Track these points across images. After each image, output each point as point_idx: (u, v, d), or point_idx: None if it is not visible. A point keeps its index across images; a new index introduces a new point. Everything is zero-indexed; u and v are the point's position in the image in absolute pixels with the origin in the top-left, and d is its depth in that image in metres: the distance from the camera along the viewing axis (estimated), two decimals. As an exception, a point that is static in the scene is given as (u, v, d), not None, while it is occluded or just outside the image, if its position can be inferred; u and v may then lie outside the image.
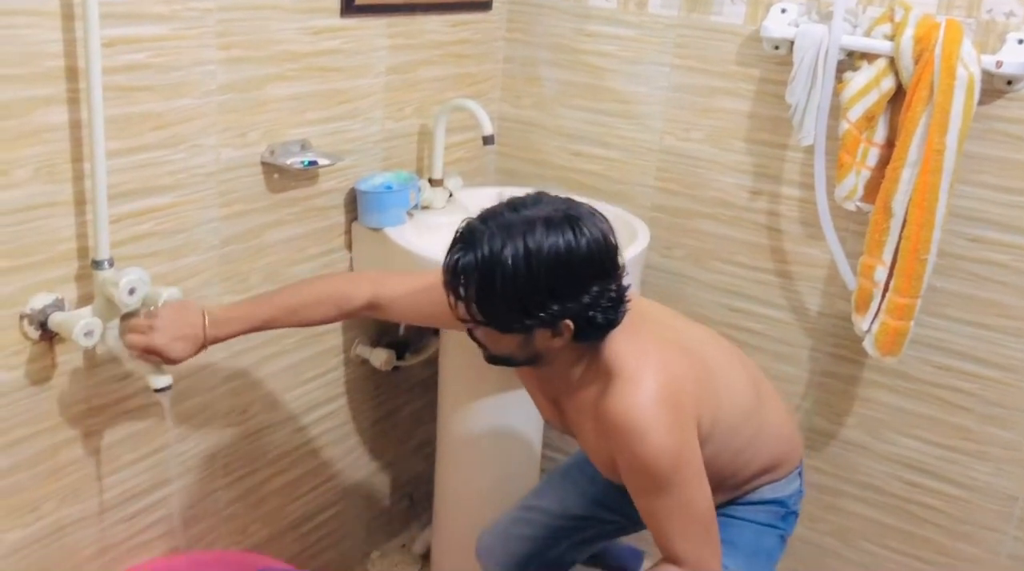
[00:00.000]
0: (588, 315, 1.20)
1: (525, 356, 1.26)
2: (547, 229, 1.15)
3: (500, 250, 1.14)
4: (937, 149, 1.57)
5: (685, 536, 1.29)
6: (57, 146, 1.31)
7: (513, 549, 1.66)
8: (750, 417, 1.43)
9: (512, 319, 1.19)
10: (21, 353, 1.35)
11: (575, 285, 1.18)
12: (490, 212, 1.21)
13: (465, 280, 1.18)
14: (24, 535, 1.43)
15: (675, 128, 1.96)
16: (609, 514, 1.63)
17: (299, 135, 1.67)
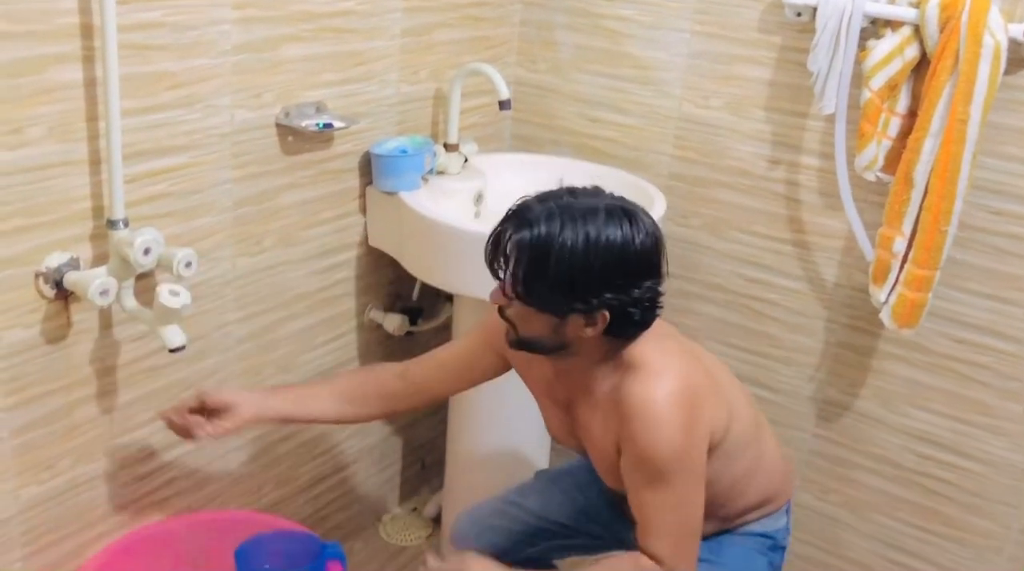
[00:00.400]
0: (627, 310, 1.22)
1: (552, 342, 1.27)
2: (608, 219, 1.18)
3: (559, 230, 1.17)
4: (961, 119, 1.54)
5: (668, 534, 1.29)
6: (72, 104, 1.30)
7: (488, 539, 1.62)
8: (749, 446, 1.44)
9: (555, 300, 1.21)
10: (37, 312, 1.36)
11: (624, 278, 1.20)
12: (548, 194, 1.23)
13: (517, 255, 1.20)
14: (39, 492, 1.45)
15: (694, 95, 1.94)
16: (592, 527, 1.61)
17: (314, 97, 1.66)
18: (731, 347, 2.04)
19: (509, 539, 1.62)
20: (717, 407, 1.34)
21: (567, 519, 1.62)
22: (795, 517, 2.04)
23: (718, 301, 2.03)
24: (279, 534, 1.59)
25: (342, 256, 1.86)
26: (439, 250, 1.72)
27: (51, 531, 1.49)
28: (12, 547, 1.44)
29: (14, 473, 1.40)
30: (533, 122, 2.17)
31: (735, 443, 1.39)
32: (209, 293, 1.61)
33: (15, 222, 1.29)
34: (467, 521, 1.68)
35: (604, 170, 2.02)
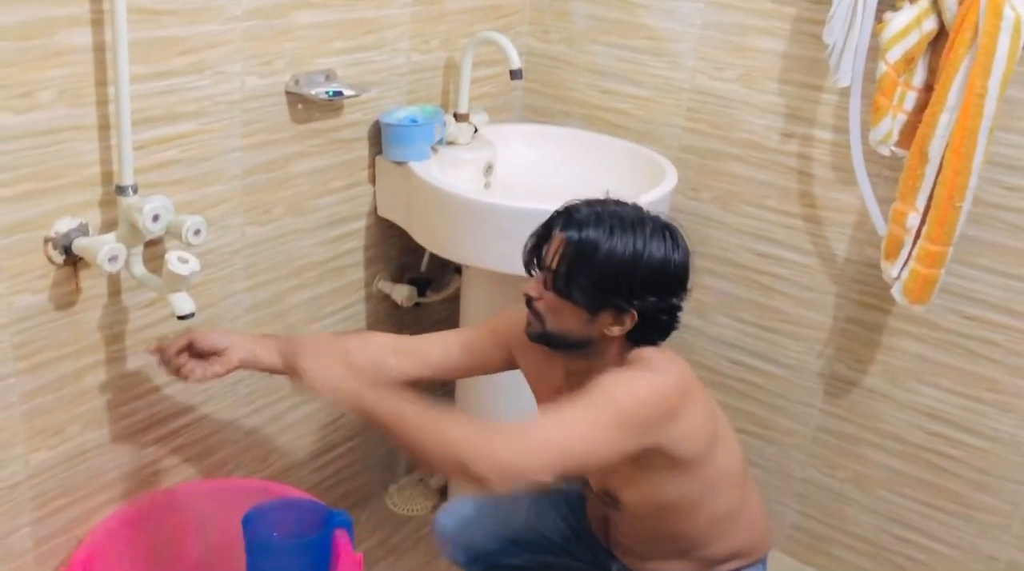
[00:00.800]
0: (656, 317, 1.31)
1: (578, 337, 1.32)
2: (653, 231, 1.28)
3: (609, 235, 1.26)
4: (978, 93, 1.52)
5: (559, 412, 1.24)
6: (81, 68, 1.29)
7: (472, 538, 1.60)
8: (736, 488, 1.44)
9: (593, 296, 1.27)
10: (46, 277, 1.36)
11: (660, 287, 1.29)
12: (596, 200, 1.33)
13: (564, 250, 1.28)
14: (49, 457, 1.46)
15: (707, 67, 1.92)
16: (579, 551, 1.59)
17: (324, 65, 1.65)
18: (740, 321, 2.03)
19: (494, 543, 1.60)
20: (698, 415, 1.32)
21: (556, 537, 1.60)
22: (802, 492, 2.05)
23: (728, 275, 2.02)
24: (286, 502, 1.59)
25: (351, 226, 1.86)
26: (448, 221, 1.71)
27: (60, 496, 1.50)
28: (21, 511, 1.45)
29: (24, 438, 1.41)
30: (544, 93, 2.15)
31: (720, 474, 1.39)
32: (218, 261, 1.60)
33: (25, 186, 1.29)
34: (453, 519, 1.63)
35: (615, 142, 2.01)
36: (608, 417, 1.23)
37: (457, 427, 1.22)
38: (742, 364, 2.06)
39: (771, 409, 2.05)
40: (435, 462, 1.23)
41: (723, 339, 2.07)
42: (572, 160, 2.02)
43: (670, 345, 1.52)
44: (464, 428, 1.22)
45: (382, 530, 2.10)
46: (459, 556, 1.62)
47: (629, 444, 1.25)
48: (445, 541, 1.62)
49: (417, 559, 2.02)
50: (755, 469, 2.10)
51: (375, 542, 2.06)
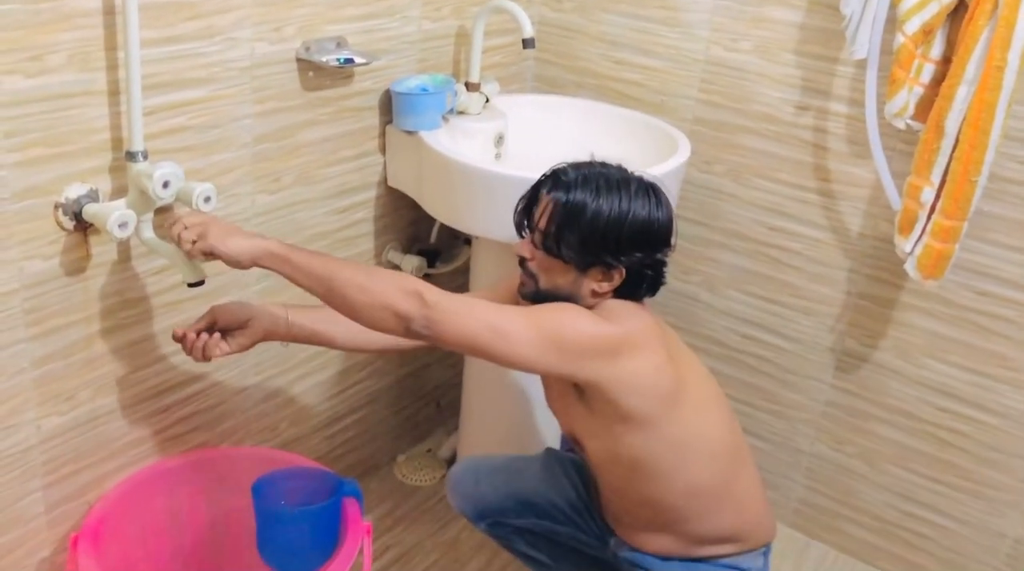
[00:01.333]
0: (641, 272, 1.38)
1: (568, 293, 1.38)
2: (639, 189, 1.36)
3: (595, 195, 1.33)
4: (998, 66, 1.50)
5: (519, 312, 1.32)
6: (91, 32, 1.28)
7: (482, 493, 1.64)
8: (716, 461, 1.44)
9: (582, 254, 1.35)
10: (56, 243, 1.35)
11: (645, 244, 1.36)
12: (582, 163, 1.40)
13: (553, 211, 1.35)
14: (60, 422, 1.46)
15: (722, 38, 1.90)
16: (583, 523, 1.61)
17: (335, 32, 1.63)
18: (751, 296, 2.02)
19: (502, 500, 1.63)
20: (645, 369, 1.34)
21: (564, 504, 1.62)
22: (810, 467, 2.05)
23: (739, 249, 2.01)
24: (296, 470, 1.60)
25: (361, 196, 1.85)
26: (458, 191, 1.70)
27: (71, 462, 1.50)
28: (33, 476, 1.45)
29: (35, 403, 1.41)
30: (556, 63, 2.13)
31: (691, 442, 1.40)
32: (228, 229, 1.60)
33: (35, 151, 1.28)
34: (465, 473, 1.68)
35: (628, 113, 1.99)
36: (538, 322, 1.30)
37: (387, 272, 1.31)
38: (753, 338, 2.05)
39: (781, 384, 2.05)
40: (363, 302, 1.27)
41: (734, 313, 2.06)
42: (583, 131, 2.00)
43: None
44: (395, 274, 1.31)
45: (390, 500, 2.11)
46: (467, 509, 1.65)
47: (550, 360, 1.30)
48: (455, 493, 1.66)
49: (425, 529, 2.03)
50: (764, 443, 2.10)
51: (383, 511, 2.08)
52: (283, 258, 1.30)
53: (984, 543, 1.90)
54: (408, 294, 1.27)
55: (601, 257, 1.34)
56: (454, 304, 1.29)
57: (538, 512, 1.63)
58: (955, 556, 1.94)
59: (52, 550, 1.53)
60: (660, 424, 1.37)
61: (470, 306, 1.31)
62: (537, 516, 1.63)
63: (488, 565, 1.95)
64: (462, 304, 1.30)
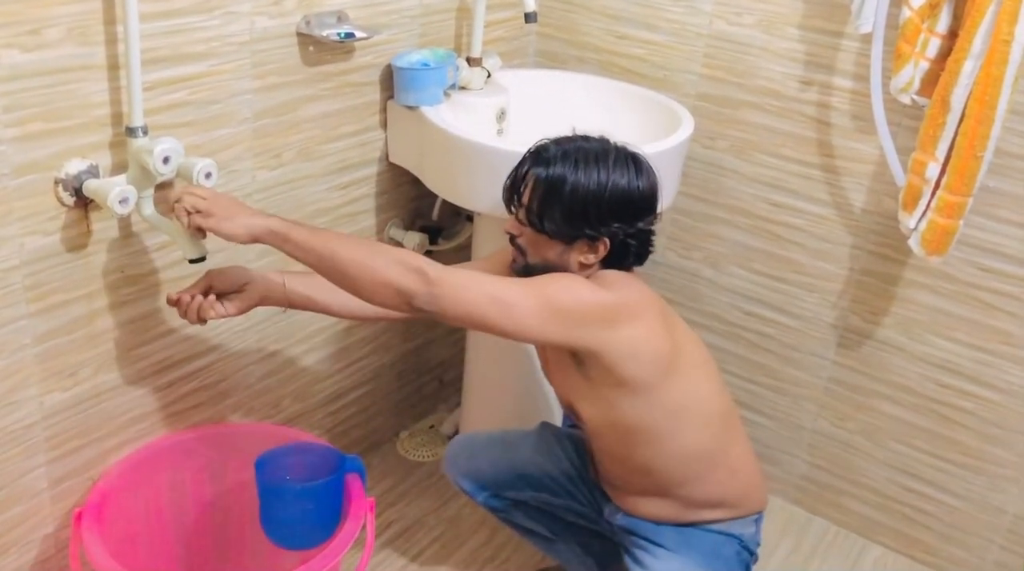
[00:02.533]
0: (626, 242, 1.40)
1: (557, 266, 1.41)
2: (616, 162, 1.38)
3: (574, 169, 1.36)
4: (1004, 40, 1.49)
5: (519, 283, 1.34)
6: (89, 5, 1.27)
7: (477, 466, 1.66)
8: (709, 427, 1.46)
9: (566, 227, 1.37)
10: (56, 219, 1.35)
11: (627, 214, 1.38)
12: (564, 138, 1.42)
13: (534, 187, 1.38)
14: (63, 399, 1.46)
15: (726, 12, 1.88)
16: (579, 494, 1.63)
17: (335, 6, 1.62)
18: (754, 272, 2.02)
19: (498, 473, 1.65)
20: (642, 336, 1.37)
21: (559, 475, 1.64)
22: (812, 443, 2.06)
23: (742, 226, 2.00)
24: (299, 446, 1.60)
25: (362, 172, 1.84)
26: (460, 167, 1.69)
27: (74, 438, 1.51)
28: (36, 452, 1.46)
29: (38, 379, 1.42)
30: (558, 37, 2.12)
31: (684, 408, 1.43)
32: (229, 205, 1.59)
33: (34, 127, 1.27)
34: (462, 447, 1.71)
35: (631, 88, 1.98)
36: (539, 292, 1.32)
37: (388, 249, 1.31)
38: (755, 315, 2.05)
39: (783, 360, 2.05)
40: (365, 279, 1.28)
41: (737, 290, 2.05)
42: (586, 107, 1.99)
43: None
44: (395, 251, 1.31)
45: (393, 476, 2.12)
46: (464, 483, 1.66)
47: (552, 329, 1.32)
48: (452, 468, 1.67)
49: (428, 504, 2.04)
50: (766, 419, 2.11)
51: (386, 487, 2.08)
52: (283, 236, 1.29)
53: (984, 519, 1.91)
54: (410, 270, 1.27)
55: (584, 230, 1.37)
56: (457, 278, 1.30)
57: (534, 484, 1.64)
58: (956, 531, 1.95)
59: (56, 526, 1.53)
60: (656, 390, 1.39)
61: (472, 280, 1.31)
62: (533, 488, 1.64)
63: (490, 540, 1.96)
64: (465, 278, 1.31)
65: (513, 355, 1.93)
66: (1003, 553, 1.90)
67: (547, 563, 1.87)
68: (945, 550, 1.97)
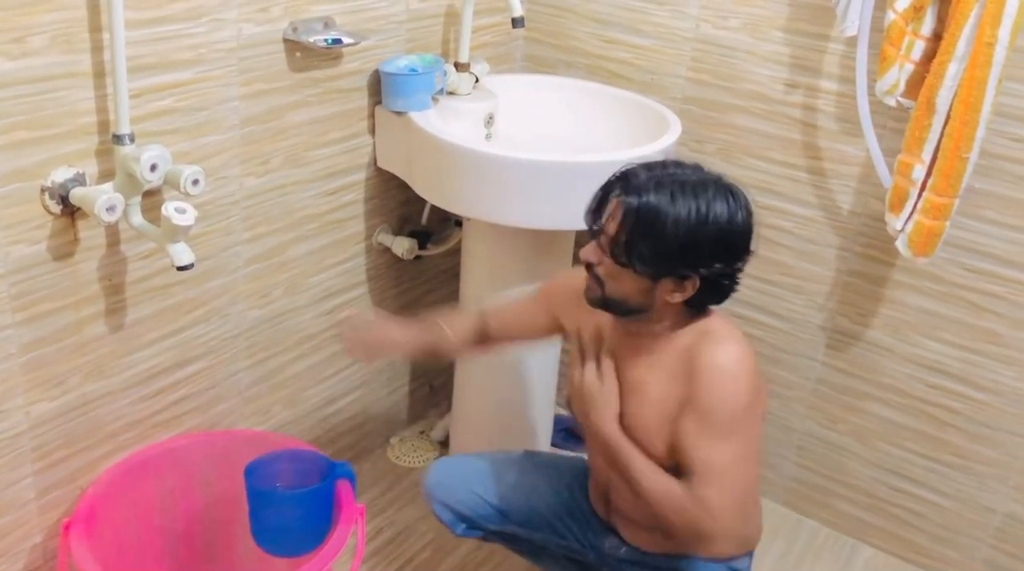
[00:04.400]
0: (718, 282, 1.29)
1: (638, 303, 1.31)
2: (717, 192, 1.25)
3: (671, 200, 1.22)
4: (988, 42, 1.50)
5: (719, 484, 1.28)
6: (74, 13, 1.27)
7: (455, 497, 1.59)
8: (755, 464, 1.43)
9: (655, 265, 1.25)
10: (43, 227, 1.34)
11: (725, 252, 1.26)
12: (656, 163, 1.29)
13: (623, 218, 1.25)
14: (51, 408, 1.46)
15: (712, 15, 1.89)
16: (564, 527, 1.57)
17: (322, 12, 1.62)
18: (742, 275, 2.01)
19: (478, 506, 1.58)
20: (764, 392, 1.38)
21: (543, 509, 1.58)
22: (801, 445, 2.06)
23: (730, 228, 2.00)
24: (289, 453, 1.60)
25: (350, 178, 1.84)
26: (449, 172, 1.69)
27: (62, 447, 1.50)
28: (23, 462, 1.45)
29: (24, 389, 1.41)
30: (546, 42, 2.12)
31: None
32: (217, 213, 1.59)
33: (19, 135, 1.27)
34: (442, 477, 1.62)
35: (618, 93, 1.99)
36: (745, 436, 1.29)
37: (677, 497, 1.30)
38: (744, 317, 2.05)
39: (772, 362, 2.05)
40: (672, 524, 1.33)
41: (725, 292, 2.06)
42: (574, 111, 1.99)
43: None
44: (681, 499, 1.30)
45: (384, 482, 2.12)
46: (443, 514, 1.60)
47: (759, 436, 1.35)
48: (432, 500, 1.60)
49: (418, 510, 2.04)
50: (755, 422, 2.11)
51: (377, 493, 2.08)
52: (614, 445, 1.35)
53: (974, 518, 1.91)
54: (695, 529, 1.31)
55: (675, 268, 1.26)
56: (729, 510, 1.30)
57: (516, 520, 1.58)
58: (945, 531, 1.95)
59: (44, 536, 1.52)
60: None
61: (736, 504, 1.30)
62: (513, 523, 1.58)
63: (480, 547, 1.96)
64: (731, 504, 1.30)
65: (503, 361, 1.93)
66: (993, 552, 1.91)
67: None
68: (935, 550, 1.98)
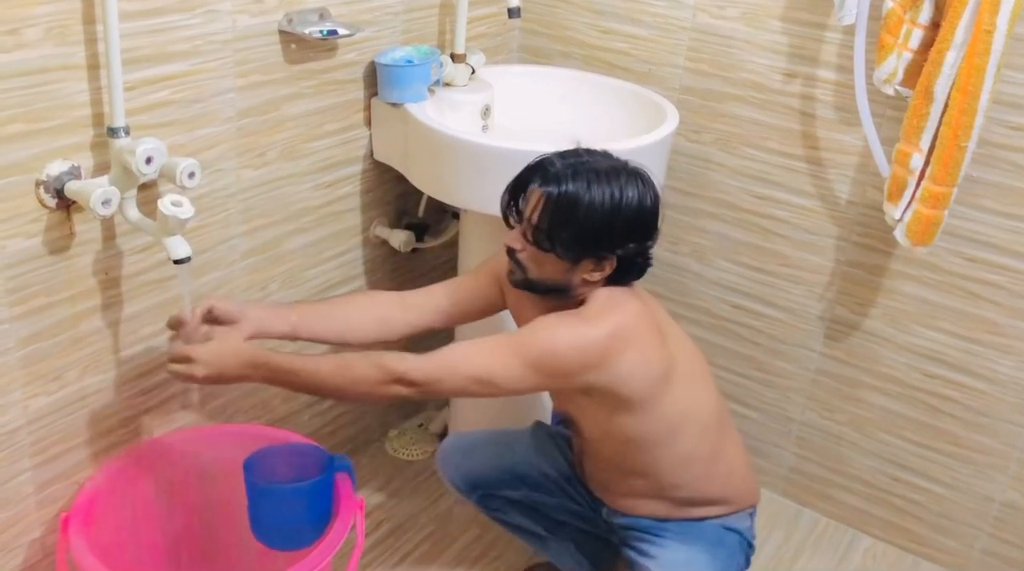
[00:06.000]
0: (633, 260, 1.37)
1: (559, 284, 1.38)
2: (628, 178, 1.33)
3: (587, 188, 1.31)
4: (986, 30, 1.49)
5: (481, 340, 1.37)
6: (68, 5, 1.26)
7: (473, 467, 1.65)
8: (704, 432, 1.47)
9: (574, 248, 1.33)
10: (38, 221, 1.34)
11: (637, 233, 1.35)
12: (569, 152, 1.37)
13: (543, 206, 1.32)
14: (48, 402, 1.45)
15: (709, 4, 1.88)
16: (574, 491, 1.63)
17: (317, 3, 1.61)
18: (740, 265, 2.02)
19: (494, 472, 1.64)
20: (637, 359, 1.36)
21: (555, 475, 1.63)
22: (800, 435, 2.06)
23: (728, 219, 2.00)
24: (287, 447, 1.59)
25: (347, 170, 1.83)
26: (446, 164, 1.69)
27: (60, 442, 1.49)
28: (21, 457, 1.44)
29: (21, 383, 1.40)
30: (542, 33, 2.11)
31: (682, 416, 1.43)
32: (213, 205, 1.58)
33: (14, 128, 1.26)
34: (457, 445, 1.70)
35: (615, 83, 1.98)
36: (521, 354, 1.33)
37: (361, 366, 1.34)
38: (742, 308, 2.05)
39: (771, 353, 2.05)
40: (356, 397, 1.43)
41: (723, 283, 2.06)
42: (571, 102, 1.98)
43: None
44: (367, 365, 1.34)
45: (382, 475, 2.11)
46: (458, 481, 1.65)
47: (540, 380, 1.35)
48: (446, 465, 1.66)
49: (417, 503, 2.03)
50: (754, 412, 2.11)
51: (375, 487, 2.08)
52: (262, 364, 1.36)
53: (972, 507, 1.92)
54: (390, 383, 1.33)
55: (594, 250, 1.34)
56: (435, 371, 1.33)
57: (529, 483, 1.63)
58: (944, 520, 1.96)
59: (42, 531, 1.52)
60: (655, 404, 1.39)
61: (451, 365, 1.34)
62: (528, 487, 1.64)
63: (480, 538, 1.96)
64: (442, 367, 1.34)
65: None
66: (991, 541, 1.91)
67: (537, 560, 1.87)
68: (934, 539, 1.98)
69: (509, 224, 1.43)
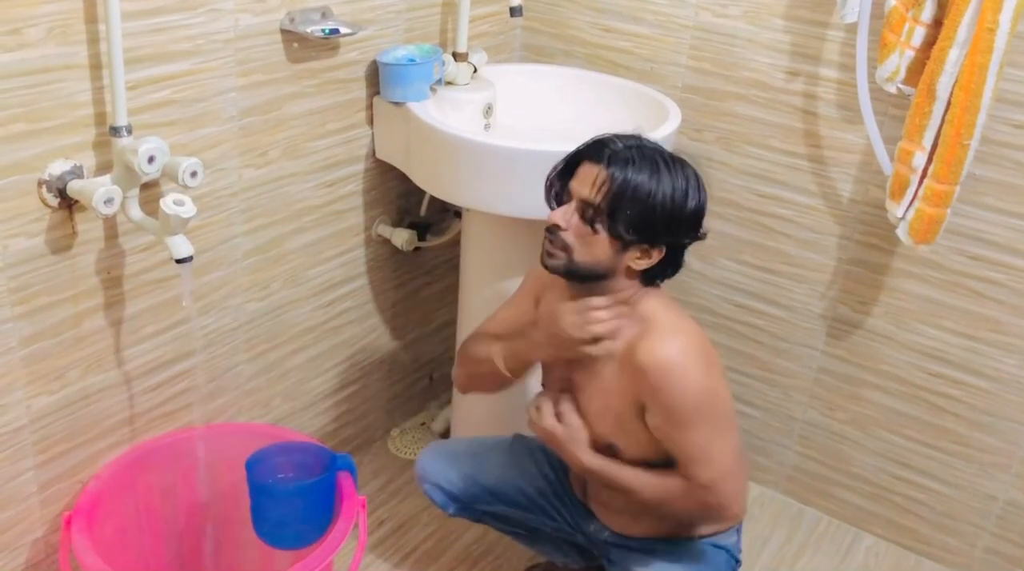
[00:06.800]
0: (676, 254, 1.36)
1: (604, 269, 1.34)
2: (691, 171, 1.33)
3: (656, 173, 1.28)
4: (989, 27, 1.49)
5: (712, 464, 1.34)
6: (70, 4, 1.26)
7: (447, 478, 1.62)
8: None
9: (632, 231, 1.29)
10: (41, 221, 1.34)
11: (691, 226, 1.34)
12: (629, 135, 1.34)
13: (607, 187, 1.28)
14: (51, 401, 1.45)
15: (711, 3, 1.88)
16: (553, 508, 1.61)
17: (319, 2, 1.61)
18: (742, 264, 2.02)
19: (469, 487, 1.62)
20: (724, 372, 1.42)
21: (533, 491, 1.61)
22: (802, 433, 2.06)
23: (730, 217, 2.00)
24: (289, 445, 1.59)
25: (349, 169, 1.83)
26: (448, 163, 1.69)
27: (63, 441, 1.50)
28: (24, 456, 1.45)
29: (24, 383, 1.40)
30: (544, 32, 2.11)
31: None
32: (215, 205, 1.58)
33: (16, 127, 1.26)
34: (433, 456, 1.65)
35: (618, 82, 1.98)
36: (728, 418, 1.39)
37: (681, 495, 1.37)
38: (744, 306, 2.05)
39: (773, 351, 2.05)
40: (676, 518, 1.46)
41: (726, 281, 2.05)
42: (573, 100, 1.98)
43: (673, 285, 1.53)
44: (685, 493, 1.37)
45: (384, 474, 2.11)
46: (434, 495, 1.63)
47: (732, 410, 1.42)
48: (423, 481, 1.64)
49: (419, 502, 2.03)
50: (756, 411, 2.11)
51: (377, 485, 2.08)
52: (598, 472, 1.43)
53: (975, 506, 1.91)
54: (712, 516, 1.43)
55: (651, 237, 1.31)
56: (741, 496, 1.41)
57: (504, 500, 1.61)
58: (947, 519, 1.96)
59: (45, 530, 1.52)
60: None
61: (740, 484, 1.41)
62: (504, 504, 1.62)
63: (482, 537, 1.96)
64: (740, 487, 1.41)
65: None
66: (994, 539, 1.91)
67: (537, 560, 1.87)
68: (936, 538, 1.98)
69: (551, 202, 1.38)
